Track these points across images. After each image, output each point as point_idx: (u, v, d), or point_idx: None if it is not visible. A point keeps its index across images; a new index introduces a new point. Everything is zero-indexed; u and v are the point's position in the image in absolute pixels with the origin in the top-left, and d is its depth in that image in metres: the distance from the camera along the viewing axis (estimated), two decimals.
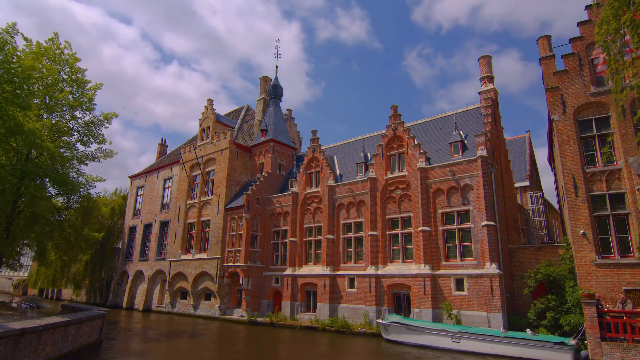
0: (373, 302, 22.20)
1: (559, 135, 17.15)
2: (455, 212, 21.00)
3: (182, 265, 32.94)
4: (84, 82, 23.04)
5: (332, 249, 25.58)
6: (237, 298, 29.48)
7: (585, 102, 16.81)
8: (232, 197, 31.93)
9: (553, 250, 20.02)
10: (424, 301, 20.34)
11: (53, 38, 22.22)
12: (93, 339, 17.10)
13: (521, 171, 30.97)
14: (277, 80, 37.51)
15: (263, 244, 29.63)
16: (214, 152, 33.69)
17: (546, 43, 19.53)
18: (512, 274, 20.73)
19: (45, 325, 12.99)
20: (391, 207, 23.66)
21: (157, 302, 35.18)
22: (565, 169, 16.75)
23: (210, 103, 35.90)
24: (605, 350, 13.24)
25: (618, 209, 15.61)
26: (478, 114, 24.25)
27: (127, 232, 41.05)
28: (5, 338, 10.93)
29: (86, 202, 24.88)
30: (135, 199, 42.18)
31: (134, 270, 38.17)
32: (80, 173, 23.52)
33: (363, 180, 25.17)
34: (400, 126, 24.47)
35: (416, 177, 22.55)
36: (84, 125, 23.11)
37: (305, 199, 28.16)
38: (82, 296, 43.37)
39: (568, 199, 16.41)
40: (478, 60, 25.29)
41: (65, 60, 22.33)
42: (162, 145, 46.01)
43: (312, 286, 25.89)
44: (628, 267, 14.78)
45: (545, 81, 18.52)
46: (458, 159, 21.95)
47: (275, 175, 32.38)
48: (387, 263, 22.97)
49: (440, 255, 20.98)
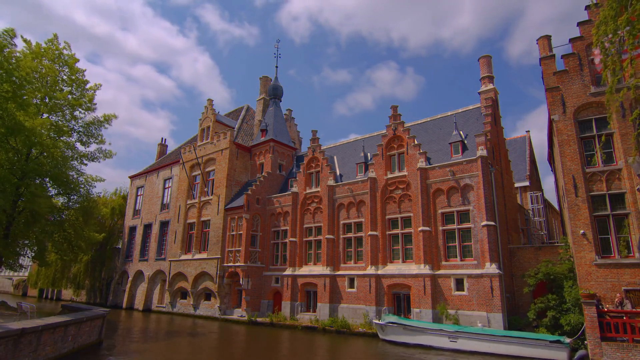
0: (373, 302, 22.20)
1: (559, 135, 17.15)
2: (455, 212, 21.00)
3: (182, 265, 32.95)
4: (83, 82, 23.08)
5: (332, 249, 25.58)
6: (237, 298, 29.49)
7: (585, 102, 16.82)
8: (232, 197, 31.94)
9: (553, 250, 20.03)
10: (424, 301, 20.34)
11: (52, 39, 22.28)
12: (93, 339, 17.08)
13: (521, 171, 30.99)
14: (277, 80, 37.54)
15: (263, 244, 29.63)
16: (214, 152, 33.70)
17: (546, 43, 19.55)
18: (512, 273, 20.74)
19: (45, 325, 12.97)
20: (391, 207, 23.67)
21: (157, 302, 35.20)
22: (565, 169, 16.76)
23: (210, 103, 35.90)
24: (605, 350, 13.25)
25: (618, 209, 15.63)
26: (478, 114, 24.26)
27: (127, 232, 41.06)
28: (5, 338, 10.92)
29: (86, 202, 24.86)
30: (135, 199, 42.20)
31: (134, 271, 38.19)
32: (80, 173, 23.52)
33: (363, 180, 25.18)
34: (400, 126, 24.48)
35: (416, 177, 22.56)
36: (84, 126, 23.15)
37: (305, 199, 28.16)
38: (82, 296, 43.37)
39: (568, 199, 16.42)
40: (478, 60, 25.29)
41: (64, 60, 22.38)
42: (162, 145, 46.01)
43: (312, 286, 25.89)
44: (628, 267, 14.79)
45: (545, 81, 18.54)
46: (458, 159, 21.96)
47: (275, 175, 32.39)
48: (387, 263, 22.98)
49: (440, 255, 20.99)
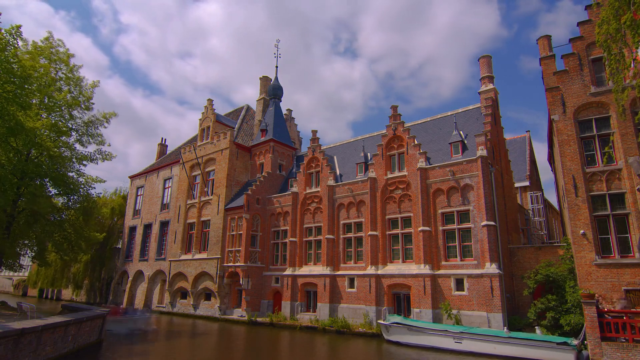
0: (373, 302, 22.20)
1: (559, 135, 17.15)
2: (455, 212, 21.00)
3: (182, 265, 32.95)
4: (80, 79, 23.02)
5: (332, 249, 25.58)
6: (237, 298, 29.48)
7: (585, 102, 16.82)
8: (232, 197, 31.93)
9: (553, 250, 20.02)
10: (424, 301, 20.33)
11: (48, 37, 22.20)
12: (93, 339, 17.09)
13: (521, 171, 30.98)
14: (277, 80, 37.52)
15: (263, 244, 29.63)
16: (214, 152, 33.69)
17: (546, 43, 19.55)
18: (512, 274, 20.73)
19: (46, 325, 12.97)
20: (391, 207, 23.66)
21: (157, 302, 35.20)
22: (565, 169, 16.76)
23: (210, 103, 35.89)
24: (605, 350, 13.25)
25: (618, 209, 15.62)
26: (478, 114, 24.26)
27: (127, 232, 41.05)
28: (5, 338, 10.92)
29: (86, 203, 24.87)
30: (135, 199, 42.19)
31: (134, 270, 38.19)
32: (80, 173, 23.48)
33: (363, 180, 25.17)
34: (400, 126, 24.47)
35: (416, 177, 22.55)
36: (83, 125, 23.09)
37: (305, 199, 28.16)
38: (82, 296, 43.37)
39: (568, 199, 16.42)
40: (478, 60, 25.29)
41: (60, 57, 22.28)
42: (162, 145, 45.99)
43: (312, 286, 25.89)
44: (628, 267, 14.79)
45: (545, 81, 18.54)
46: (458, 159, 21.95)
47: (275, 175, 32.38)
48: (387, 263, 22.97)
49: (440, 255, 20.98)
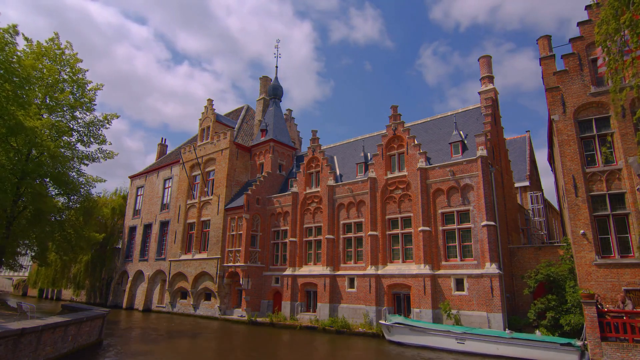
0: (373, 302, 22.20)
1: (559, 135, 17.15)
2: (455, 212, 21.00)
3: (182, 265, 32.95)
4: (84, 82, 23.04)
5: (332, 249, 25.58)
6: (237, 298, 29.49)
7: (585, 102, 16.82)
8: (232, 197, 31.94)
9: (553, 250, 20.02)
10: (424, 301, 20.34)
11: (53, 38, 22.16)
12: (93, 339, 17.10)
13: (521, 171, 30.99)
14: (277, 80, 37.51)
15: (263, 244, 29.63)
16: (214, 152, 33.70)
17: (546, 43, 19.55)
18: (512, 274, 20.73)
19: (46, 325, 12.98)
20: (391, 207, 23.66)
21: (157, 302, 35.19)
22: (565, 169, 16.76)
23: (210, 103, 35.88)
24: (605, 350, 13.24)
25: (618, 209, 15.63)
26: (478, 114, 24.26)
27: (127, 232, 41.05)
28: (5, 338, 10.93)
29: (86, 202, 24.89)
30: (135, 199, 42.19)
31: (134, 271, 38.18)
32: (80, 173, 23.51)
33: (363, 180, 25.17)
34: (400, 126, 24.47)
35: (416, 177, 22.55)
36: (85, 126, 23.12)
37: (305, 199, 28.16)
38: (82, 296, 43.35)
39: (568, 199, 16.42)
40: (478, 60, 25.29)
41: (66, 60, 22.30)
42: (162, 145, 46.00)
43: (312, 286, 25.89)
44: (628, 267, 14.80)
45: (546, 81, 18.54)
46: (458, 159, 21.96)
47: (275, 175, 32.38)
48: (387, 263, 22.97)
49: (440, 255, 20.98)
